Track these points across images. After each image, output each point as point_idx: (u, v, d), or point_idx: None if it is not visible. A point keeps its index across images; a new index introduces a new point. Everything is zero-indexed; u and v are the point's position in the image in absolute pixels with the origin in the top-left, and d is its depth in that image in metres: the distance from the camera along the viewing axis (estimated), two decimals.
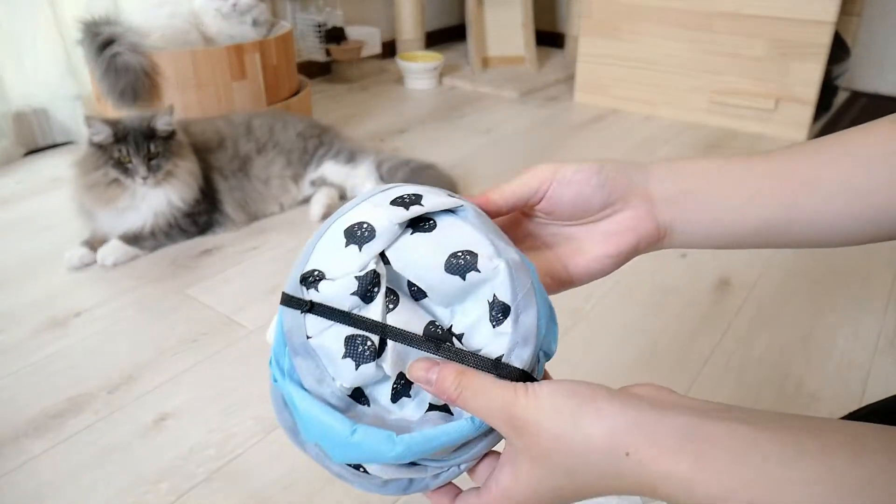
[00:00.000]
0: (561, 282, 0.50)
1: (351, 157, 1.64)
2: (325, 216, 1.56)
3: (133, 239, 1.40)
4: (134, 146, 1.33)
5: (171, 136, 1.40)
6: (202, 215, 1.47)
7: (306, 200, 1.63)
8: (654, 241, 0.50)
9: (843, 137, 0.50)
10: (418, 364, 0.39)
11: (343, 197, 1.65)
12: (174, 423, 0.96)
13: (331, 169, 1.62)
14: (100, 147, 1.35)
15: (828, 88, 2.12)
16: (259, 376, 1.05)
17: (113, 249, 1.37)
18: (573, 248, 0.50)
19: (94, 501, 0.83)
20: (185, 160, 1.42)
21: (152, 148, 1.35)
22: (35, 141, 2.01)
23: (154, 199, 1.40)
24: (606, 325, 1.16)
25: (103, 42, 1.62)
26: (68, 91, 2.00)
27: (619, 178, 0.48)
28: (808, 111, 2.00)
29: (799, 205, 0.49)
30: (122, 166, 1.35)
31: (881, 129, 0.49)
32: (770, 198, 0.49)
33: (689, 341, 1.12)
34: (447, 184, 1.64)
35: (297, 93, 1.97)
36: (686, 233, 0.50)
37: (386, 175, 1.62)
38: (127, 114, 1.47)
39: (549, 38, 3.22)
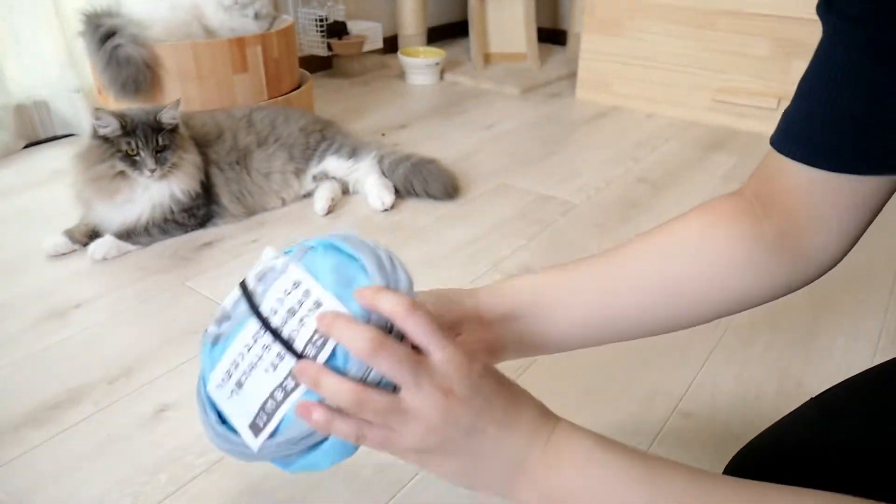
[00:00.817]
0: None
1: (353, 152, 1.63)
2: (330, 210, 1.56)
3: (126, 234, 1.39)
4: (143, 139, 1.33)
5: (175, 128, 1.40)
6: (200, 208, 1.47)
7: (308, 195, 1.63)
8: (494, 354, 0.59)
9: (649, 235, 0.58)
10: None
11: (346, 192, 1.65)
12: (174, 414, 0.96)
13: (333, 164, 1.62)
14: (105, 140, 1.34)
15: None
16: None
17: (103, 244, 1.37)
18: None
19: (94, 492, 0.83)
20: (188, 152, 1.42)
21: (160, 140, 1.35)
22: (36, 133, 2.00)
23: (156, 191, 1.39)
24: None
25: (105, 34, 1.62)
26: (69, 83, 1.99)
27: (449, 308, 0.57)
28: None
29: (609, 303, 0.57)
30: (129, 159, 1.34)
31: (677, 225, 0.56)
32: (581, 304, 0.57)
33: (689, 339, 1.12)
34: (449, 179, 1.63)
35: (298, 87, 1.97)
36: (521, 344, 0.59)
37: (388, 170, 1.62)
38: (130, 107, 1.47)
39: (551, 34, 3.22)
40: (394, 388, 0.43)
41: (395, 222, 1.54)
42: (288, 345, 0.45)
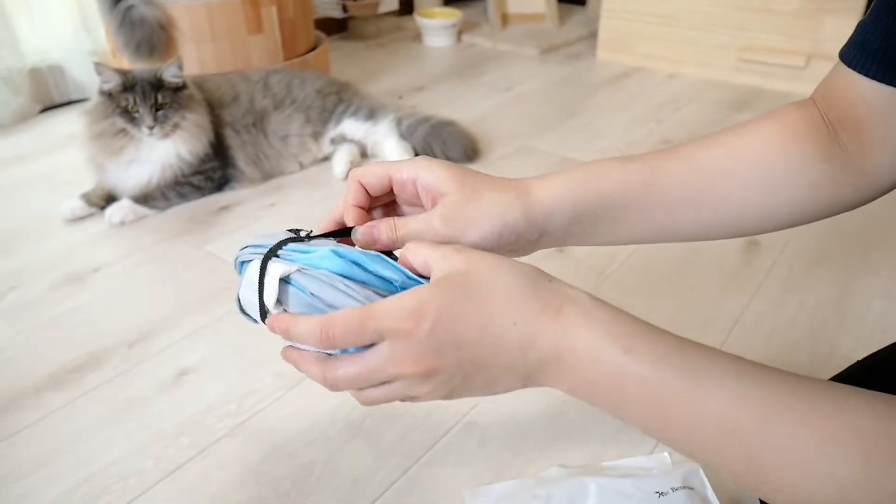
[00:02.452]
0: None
1: (371, 115, 1.60)
2: (349, 173, 1.53)
3: (143, 198, 1.38)
4: (141, 95, 1.31)
5: (180, 88, 1.37)
6: (215, 171, 1.45)
7: (326, 158, 1.60)
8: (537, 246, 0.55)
9: (720, 142, 0.54)
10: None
11: (364, 154, 1.62)
12: (194, 378, 0.95)
13: (351, 126, 1.59)
14: (109, 96, 1.33)
15: None
16: None
17: (120, 208, 1.35)
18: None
19: (115, 455, 0.82)
20: (193, 113, 1.39)
21: (160, 98, 1.33)
22: (51, 98, 1.99)
23: (161, 151, 1.37)
24: (632, 285, 1.14)
25: None
26: (83, 47, 1.97)
27: (515, 242, 0.52)
28: None
29: (673, 205, 0.54)
30: (129, 115, 1.32)
31: (752, 135, 0.53)
32: (649, 199, 0.53)
33: (718, 302, 1.09)
34: (468, 141, 1.60)
35: (314, 48, 1.93)
36: (579, 240, 0.56)
37: (406, 132, 1.59)
38: (139, 67, 1.45)
39: None
40: None
41: None
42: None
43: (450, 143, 1.57)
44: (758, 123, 0.54)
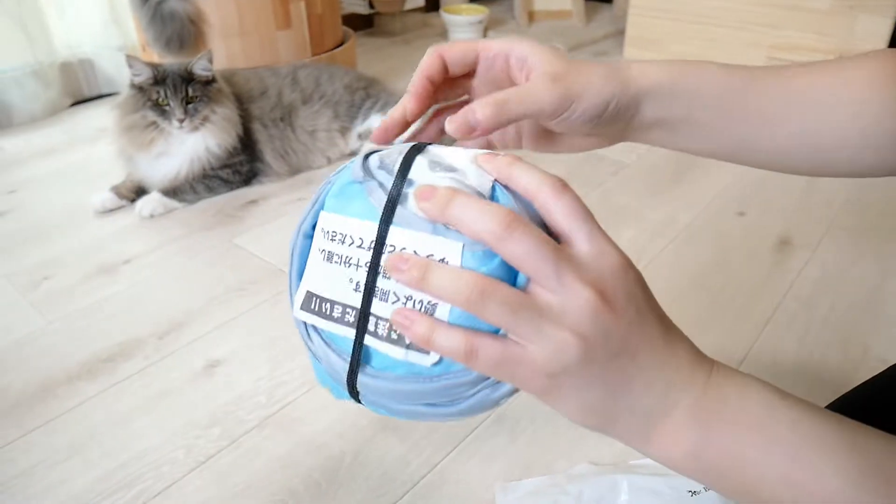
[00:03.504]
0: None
1: None
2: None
3: (172, 191, 1.39)
4: (172, 88, 1.32)
5: (210, 81, 1.38)
6: (244, 165, 1.46)
7: (354, 153, 1.61)
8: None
9: (817, 74, 0.49)
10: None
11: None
12: (224, 369, 0.95)
13: (378, 121, 1.59)
14: (140, 89, 1.34)
15: (894, 44, 2.02)
16: None
17: (150, 201, 1.37)
18: (535, 138, 0.51)
19: (148, 443, 0.83)
20: (222, 106, 1.40)
21: (190, 91, 1.34)
22: (81, 91, 2.01)
23: (190, 144, 1.38)
24: (663, 281, 1.13)
25: None
26: (113, 41, 1.99)
27: (613, 120, 0.47)
28: None
29: (758, 143, 0.50)
30: (159, 108, 1.33)
31: (849, 72, 0.49)
32: (732, 132, 0.49)
33: (750, 301, 1.08)
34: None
35: (341, 44, 1.93)
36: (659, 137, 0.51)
37: None
38: (169, 61, 1.46)
39: None
40: None
41: None
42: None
43: None
44: (864, 60, 0.51)
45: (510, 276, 0.34)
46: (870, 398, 0.63)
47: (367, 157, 0.40)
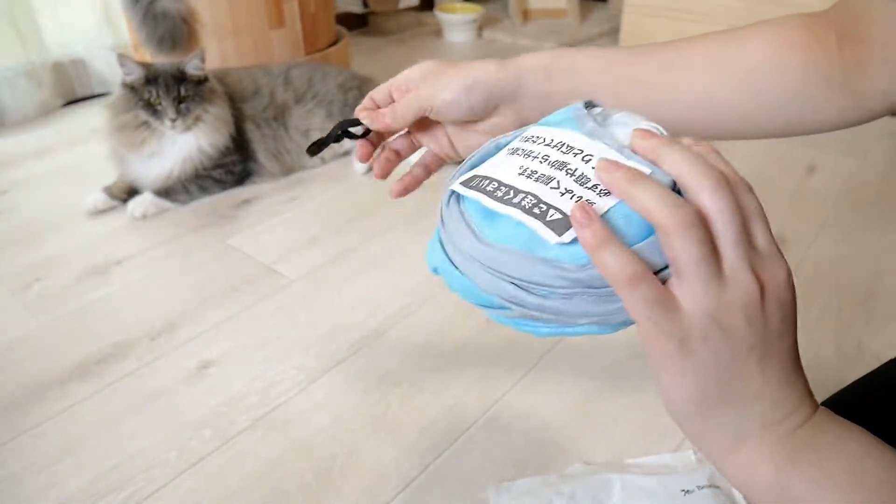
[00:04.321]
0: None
1: None
2: (370, 168, 1.53)
3: (165, 192, 1.38)
4: (164, 88, 1.31)
5: (202, 81, 1.38)
6: (236, 165, 1.45)
7: (347, 153, 1.60)
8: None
9: (713, 44, 0.54)
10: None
11: (384, 149, 1.61)
12: (217, 370, 0.95)
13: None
14: (132, 89, 1.33)
15: None
16: (300, 325, 1.03)
17: (143, 201, 1.36)
18: (461, 137, 0.59)
19: (139, 445, 0.82)
20: (214, 106, 1.39)
21: (182, 91, 1.33)
22: (73, 91, 2.00)
23: (183, 144, 1.38)
24: None
25: None
26: (106, 40, 1.99)
27: (490, 97, 0.54)
28: None
29: (657, 111, 0.52)
30: (151, 108, 1.33)
31: (749, 44, 0.53)
32: (630, 104, 0.50)
33: None
34: None
35: (335, 43, 1.93)
36: None
37: None
38: (161, 60, 1.46)
39: None
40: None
41: (436, 180, 1.50)
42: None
43: None
44: (757, 27, 0.54)
45: None
46: (864, 396, 0.63)
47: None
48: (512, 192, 0.37)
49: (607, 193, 0.35)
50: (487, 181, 0.39)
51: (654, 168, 0.35)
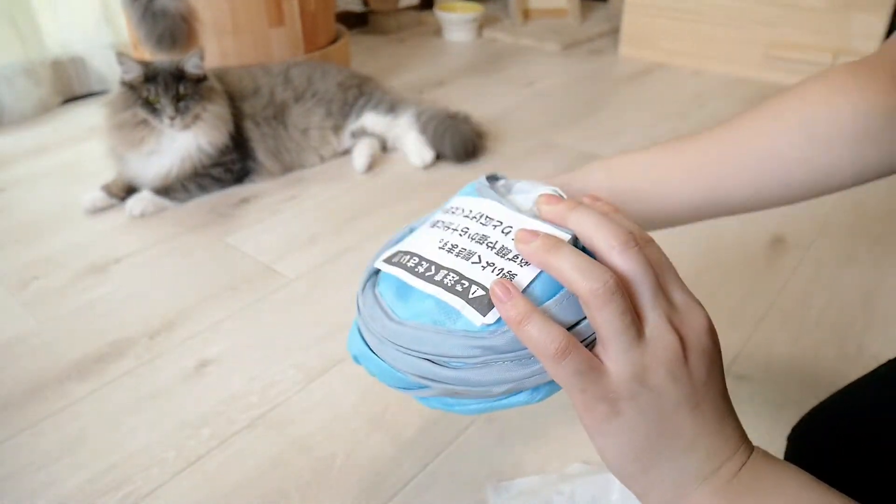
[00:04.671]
0: None
1: (392, 108, 1.59)
2: (370, 167, 1.53)
3: (163, 190, 1.38)
4: (163, 86, 1.31)
5: (201, 79, 1.37)
6: (235, 163, 1.45)
7: (346, 152, 1.60)
8: None
9: (769, 110, 0.53)
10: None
11: (385, 148, 1.61)
12: (215, 369, 0.95)
13: (371, 119, 1.58)
14: (130, 87, 1.33)
15: None
16: (299, 325, 1.03)
17: (141, 200, 1.36)
18: None
19: (137, 444, 0.82)
20: (214, 104, 1.39)
21: (181, 89, 1.33)
22: (72, 89, 2.00)
23: (182, 142, 1.37)
24: None
25: None
26: (105, 39, 1.98)
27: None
28: None
29: (724, 184, 0.52)
30: (150, 106, 1.32)
31: (805, 98, 0.52)
32: (697, 184, 0.53)
33: (743, 299, 1.07)
34: (470, 138, 1.56)
35: (334, 42, 1.93)
36: None
37: (422, 126, 1.58)
38: (160, 58, 1.45)
39: None
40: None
41: (436, 180, 1.50)
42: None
43: (456, 139, 1.54)
44: (804, 83, 0.53)
45: None
46: (862, 396, 0.63)
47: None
48: (433, 267, 0.38)
49: (527, 263, 0.36)
50: (409, 256, 0.40)
51: (572, 232, 0.36)
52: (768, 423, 0.84)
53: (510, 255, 0.36)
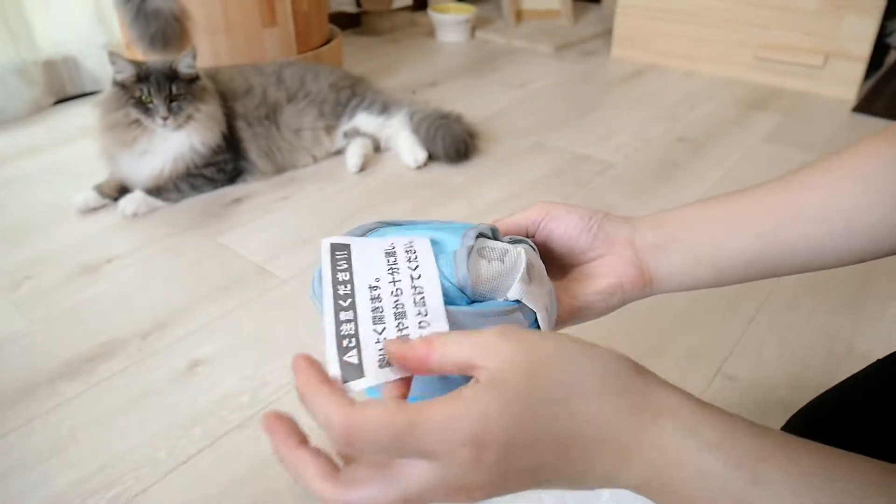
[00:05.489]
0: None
1: (384, 109, 1.60)
2: (363, 168, 1.53)
3: (156, 190, 1.38)
4: (155, 86, 1.31)
5: (194, 79, 1.37)
6: (228, 163, 1.45)
7: (339, 152, 1.60)
8: (640, 286, 0.53)
9: (823, 163, 0.50)
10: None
11: (378, 148, 1.62)
12: (207, 369, 0.95)
13: (364, 120, 1.58)
14: (122, 87, 1.33)
15: (879, 46, 2.03)
16: (291, 325, 1.03)
17: (133, 200, 1.35)
18: (561, 287, 0.51)
19: (128, 444, 0.82)
20: (206, 104, 1.39)
21: (174, 89, 1.33)
22: (65, 90, 1.99)
23: (174, 142, 1.37)
24: None
25: None
26: (97, 39, 1.98)
27: (604, 227, 0.53)
28: (860, 69, 1.91)
29: (779, 235, 0.50)
30: (143, 106, 1.32)
31: (860, 151, 0.49)
32: (750, 234, 0.50)
33: (733, 301, 1.08)
34: (461, 139, 1.56)
35: (327, 42, 1.93)
36: (673, 276, 0.53)
37: (415, 126, 1.58)
38: (153, 58, 1.45)
39: None
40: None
41: (429, 180, 1.50)
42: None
43: (448, 140, 1.55)
44: (862, 141, 0.51)
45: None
46: (854, 394, 0.64)
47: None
48: (350, 301, 0.38)
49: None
50: (345, 265, 0.40)
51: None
52: (758, 422, 0.84)
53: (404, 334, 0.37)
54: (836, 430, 0.59)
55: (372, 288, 0.39)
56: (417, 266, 0.40)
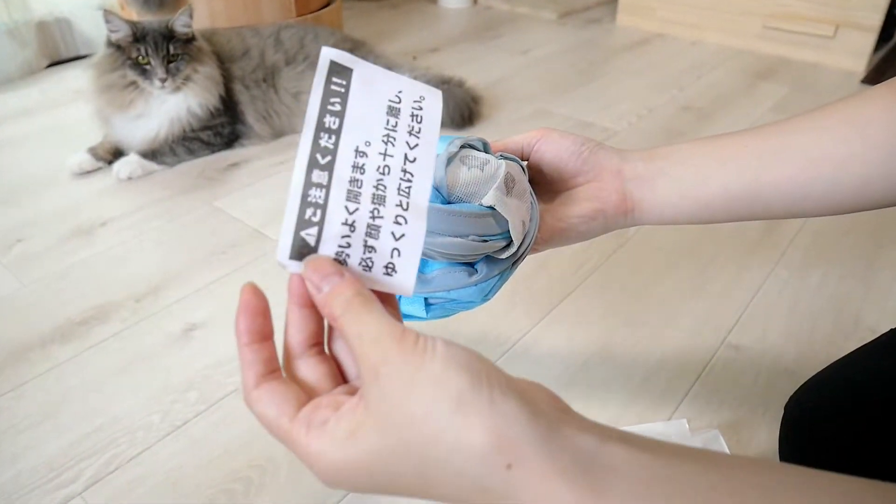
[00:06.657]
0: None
1: None
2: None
3: (151, 153, 1.35)
4: (153, 46, 1.27)
5: (190, 39, 1.34)
6: (225, 127, 1.42)
7: None
8: (622, 214, 0.54)
9: (822, 109, 0.50)
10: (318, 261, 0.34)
11: None
12: (202, 333, 0.93)
13: None
14: (118, 48, 1.29)
15: (890, 17, 1.98)
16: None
17: (128, 163, 1.33)
18: (548, 209, 0.54)
19: (122, 408, 0.80)
20: (204, 65, 1.36)
21: (171, 49, 1.29)
22: (58, 52, 1.95)
23: (171, 104, 1.34)
24: (653, 249, 1.11)
25: None
26: (92, 0, 1.93)
27: (596, 154, 0.54)
28: (871, 39, 1.87)
29: (764, 175, 0.50)
30: (140, 67, 1.29)
31: (864, 98, 0.49)
32: (735, 170, 0.51)
33: (739, 269, 1.06)
34: (466, 104, 1.53)
35: (327, 5, 1.88)
36: (655, 207, 0.54)
37: None
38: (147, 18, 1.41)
39: None
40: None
41: None
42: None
43: (450, 104, 1.51)
44: (870, 90, 0.49)
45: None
46: (861, 366, 0.62)
47: None
48: (329, 159, 0.33)
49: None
50: (338, 104, 0.34)
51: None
52: (763, 393, 0.83)
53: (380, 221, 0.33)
54: (843, 402, 0.58)
55: (359, 153, 0.34)
56: (417, 144, 0.35)
